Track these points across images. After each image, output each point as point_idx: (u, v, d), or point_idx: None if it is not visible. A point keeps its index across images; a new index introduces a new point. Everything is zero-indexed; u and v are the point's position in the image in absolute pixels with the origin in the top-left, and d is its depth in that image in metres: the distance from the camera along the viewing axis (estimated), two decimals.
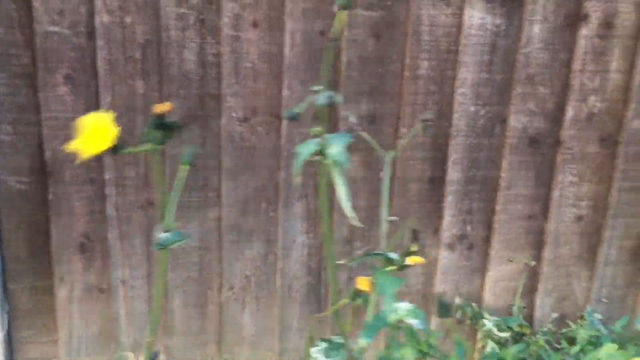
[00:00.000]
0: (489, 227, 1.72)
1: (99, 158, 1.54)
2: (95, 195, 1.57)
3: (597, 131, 1.65)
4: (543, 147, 1.66)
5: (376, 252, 0.77)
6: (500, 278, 1.76)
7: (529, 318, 1.81)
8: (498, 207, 1.70)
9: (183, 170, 0.81)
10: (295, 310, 1.75)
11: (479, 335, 1.59)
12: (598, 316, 1.65)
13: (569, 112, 1.63)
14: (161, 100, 1.52)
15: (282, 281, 1.70)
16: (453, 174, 1.66)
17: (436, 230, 1.71)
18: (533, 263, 1.66)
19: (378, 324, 0.62)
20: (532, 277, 1.77)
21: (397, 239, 0.84)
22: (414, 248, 0.78)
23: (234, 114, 1.56)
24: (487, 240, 1.74)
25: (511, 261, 1.39)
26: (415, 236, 0.80)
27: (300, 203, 1.65)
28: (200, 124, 1.55)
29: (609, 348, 0.94)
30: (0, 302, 1.59)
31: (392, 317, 0.63)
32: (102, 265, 1.64)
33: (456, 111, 1.61)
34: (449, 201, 1.69)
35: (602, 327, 1.13)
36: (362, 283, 0.66)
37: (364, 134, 1.05)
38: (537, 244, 1.74)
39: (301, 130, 1.59)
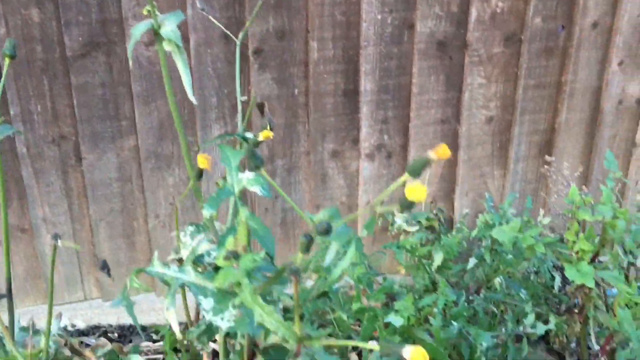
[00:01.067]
0: (405, 134, 1.77)
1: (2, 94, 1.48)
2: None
3: (501, 31, 1.70)
4: (451, 51, 1.69)
5: (231, 133, 0.79)
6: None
7: (450, 220, 1.89)
8: (412, 114, 1.75)
9: (6, 65, 0.80)
10: None
11: (392, 232, 1.66)
12: (512, 210, 1.73)
13: (473, 14, 1.66)
14: (59, 29, 1.47)
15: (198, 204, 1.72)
16: (366, 84, 1.68)
17: (355, 142, 1.75)
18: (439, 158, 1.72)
19: (221, 195, 0.64)
20: (449, 179, 1.85)
21: (248, 116, 0.87)
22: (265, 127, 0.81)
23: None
24: (404, 147, 1.79)
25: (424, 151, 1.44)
26: (261, 110, 0.83)
27: (217, 125, 1.64)
28: (105, 51, 1.51)
29: (499, 228, 1.01)
30: None
31: (236, 188, 0.65)
32: (20, 205, 1.61)
33: (364, 20, 1.62)
34: (365, 112, 1.72)
35: (505, 211, 1.21)
36: (201, 161, 0.68)
37: (214, 21, 1.06)
38: (452, 147, 1.80)
39: (210, 50, 1.56)
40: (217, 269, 0.56)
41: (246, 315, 0.54)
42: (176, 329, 0.55)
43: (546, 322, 1.02)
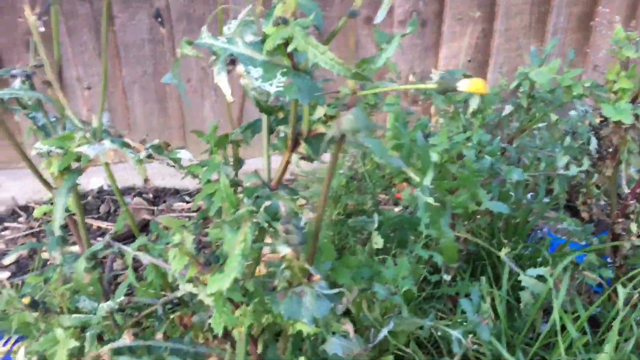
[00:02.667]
0: (440, 1, 1.72)
1: None
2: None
3: None
4: None
5: None
6: (452, 54, 1.79)
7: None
8: None
9: None
10: None
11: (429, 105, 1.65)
12: None
13: None
14: None
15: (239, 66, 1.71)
16: None
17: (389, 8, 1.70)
18: (478, 14, 1.68)
19: None
20: (484, 51, 1.81)
21: None
22: None
23: None
24: (439, 15, 1.74)
25: (460, 19, 1.40)
26: None
27: None
28: None
29: (537, 70, 0.99)
30: None
31: None
32: (52, 61, 1.62)
33: None
34: None
35: None
36: None
37: None
38: (489, 17, 1.75)
39: None
40: (263, 41, 0.56)
41: (294, 83, 0.55)
42: (227, 93, 0.56)
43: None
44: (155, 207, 1.73)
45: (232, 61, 0.64)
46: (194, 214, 1.68)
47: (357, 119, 0.57)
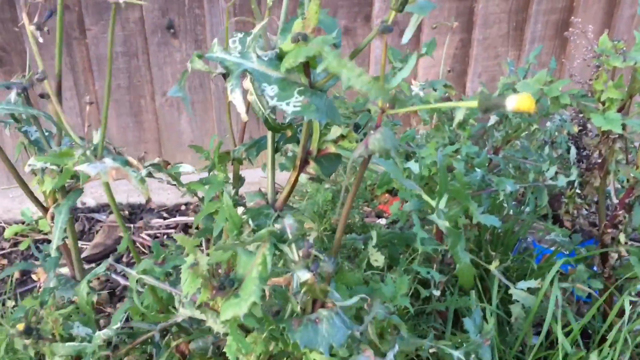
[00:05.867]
0: None
1: None
2: (3, 1, 1.46)
3: None
4: None
5: None
6: (431, 64, 1.79)
7: (462, 91, 1.86)
8: None
9: None
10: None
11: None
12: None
13: None
14: None
15: (216, 84, 1.68)
16: None
17: (367, 18, 1.69)
18: (456, 24, 1.68)
19: None
20: (463, 60, 1.80)
21: None
22: None
23: None
24: (417, 25, 1.73)
25: (434, 28, 1.39)
26: None
27: None
28: None
29: (524, 81, 0.98)
30: None
31: None
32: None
33: None
34: None
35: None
36: None
37: None
38: (467, 26, 1.75)
39: None
40: (279, 57, 0.53)
41: (312, 102, 0.52)
42: (242, 110, 0.52)
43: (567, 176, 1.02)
44: (132, 225, 1.68)
45: (224, 75, 0.60)
46: (172, 230, 1.64)
47: (386, 139, 0.54)
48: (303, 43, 0.50)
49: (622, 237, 1.02)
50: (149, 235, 1.62)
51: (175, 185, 0.79)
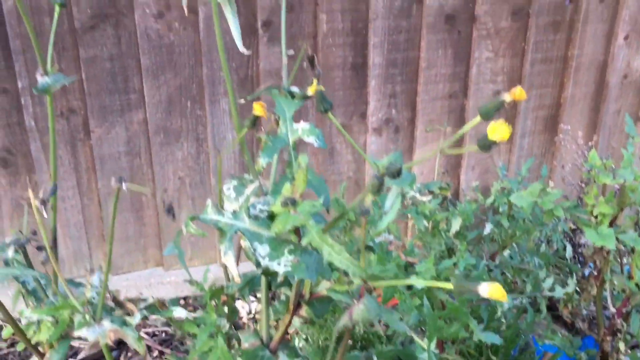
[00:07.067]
0: (412, 109, 1.77)
1: (9, 65, 1.47)
2: (11, 106, 1.51)
3: (509, 4, 1.70)
4: (459, 24, 1.69)
5: (277, 86, 0.79)
6: (426, 157, 1.84)
7: (456, 193, 1.90)
8: (420, 88, 1.75)
9: (57, 12, 0.78)
10: None
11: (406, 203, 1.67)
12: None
13: None
14: (68, 1, 1.45)
15: (217, 179, 1.72)
16: (374, 58, 1.68)
17: (363, 116, 1.75)
18: (448, 128, 1.74)
19: (276, 144, 0.64)
20: (456, 154, 1.86)
21: (294, 72, 0.86)
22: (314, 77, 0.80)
23: (147, 10, 1.51)
24: (412, 122, 1.79)
25: (428, 131, 1.45)
26: (312, 63, 0.82)
27: (226, 99, 1.64)
28: (113, 23, 1.50)
29: (518, 193, 1.02)
30: None
31: (291, 137, 0.65)
32: (28, 179, 1.60)
33: None
34: (373, 86, 1.72)
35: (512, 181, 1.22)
36: (257, 109, 0.66)
37: None
38: (459, 122, 1.81)
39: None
40: (270, 217, 0.56)
41: (302, 261, 0.54)
42: (235, 273, 0.55)
43: (563, 286, 1.04)
44: None
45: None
46: (170, 328, 1.63)
47: (369, 310, 0.57)
48: (292, 207, 0.53)
49: (621, 346, 1.03)
50: (147, 333, 1.62)
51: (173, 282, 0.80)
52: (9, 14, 1.42)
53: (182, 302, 1.77)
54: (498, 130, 0.49)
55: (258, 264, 0.63)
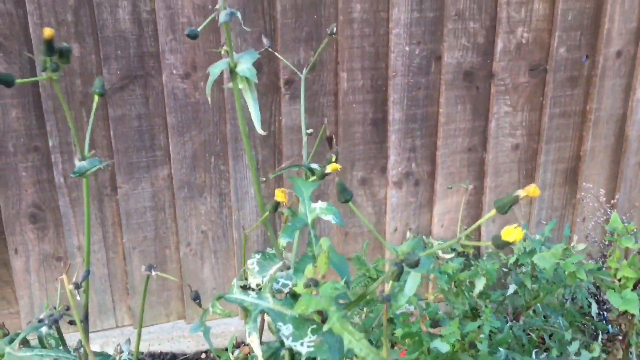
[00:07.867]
0: (432, 162, 1.79)
1: (41, 125, 1.52)
2: (42, 164, 1.56)
3: (527, 61, 1.73)
4: (477, 81, 1.73)
5: (297, 164, 0.82)
6: (446, 210, 1.85)
7: (477, 247, 1.91)
8: (439, 143, 1.77)
9: (95, 102, 0.83)
10: None
11: None
12: (537, 236, 1.74)
13: (499, 45, 1.70)
14: (98, 63, 1.51)
15: (239, 233, 1.74)
16: (394, 113, 1.72)
17: (383, 170, 1.77)
18: (470, 186, 1.75)
19: (296, 224, 0.66)
20: (476, 206, 1.87)
21: (315, 148, 0.89)
22: (333, 156, 0.83)
23: (174, 71, 1.56)
24: (431, 175, 1.81)
25: (450, 188, 1.46)
26: (330, 143, 0.85)
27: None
28: (142, 84, 1.55)
29: (540, 254, 1.02)
30: None
31: (310, 217, 0.67)
32: (56, 233, 1.64)
33: (392, 52, 1.66)
34: (393, 140, 1.75)
35: (536, 238, 1.22)
36: (279, 195, 0.70)
37: (276, 53, 1.09)
38: (479, 175, 1.83)
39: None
40: (293, 296, 0.57)
41: (325, 341, 0.56)
42: (259, 353, 0.56)
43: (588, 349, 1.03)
44: None
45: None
46: None
47: None
48: (314, 289, 0.55)
49: None
50: None
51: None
52: None
53: (203, 355, 1.78)
54: (512, 233, 0.55)
55: (282, 343, 0.64)
